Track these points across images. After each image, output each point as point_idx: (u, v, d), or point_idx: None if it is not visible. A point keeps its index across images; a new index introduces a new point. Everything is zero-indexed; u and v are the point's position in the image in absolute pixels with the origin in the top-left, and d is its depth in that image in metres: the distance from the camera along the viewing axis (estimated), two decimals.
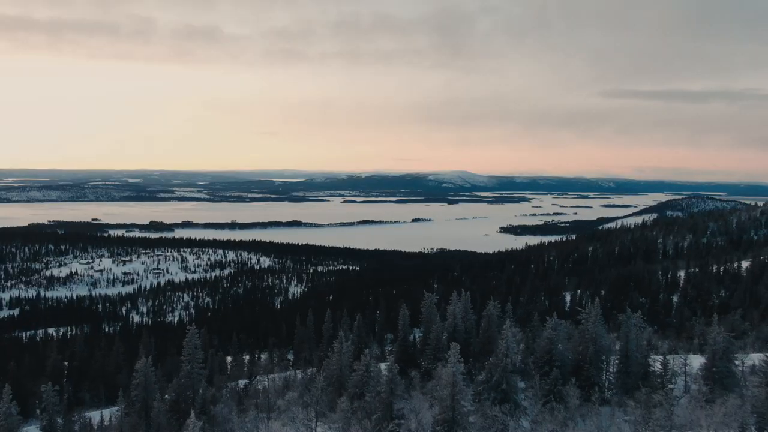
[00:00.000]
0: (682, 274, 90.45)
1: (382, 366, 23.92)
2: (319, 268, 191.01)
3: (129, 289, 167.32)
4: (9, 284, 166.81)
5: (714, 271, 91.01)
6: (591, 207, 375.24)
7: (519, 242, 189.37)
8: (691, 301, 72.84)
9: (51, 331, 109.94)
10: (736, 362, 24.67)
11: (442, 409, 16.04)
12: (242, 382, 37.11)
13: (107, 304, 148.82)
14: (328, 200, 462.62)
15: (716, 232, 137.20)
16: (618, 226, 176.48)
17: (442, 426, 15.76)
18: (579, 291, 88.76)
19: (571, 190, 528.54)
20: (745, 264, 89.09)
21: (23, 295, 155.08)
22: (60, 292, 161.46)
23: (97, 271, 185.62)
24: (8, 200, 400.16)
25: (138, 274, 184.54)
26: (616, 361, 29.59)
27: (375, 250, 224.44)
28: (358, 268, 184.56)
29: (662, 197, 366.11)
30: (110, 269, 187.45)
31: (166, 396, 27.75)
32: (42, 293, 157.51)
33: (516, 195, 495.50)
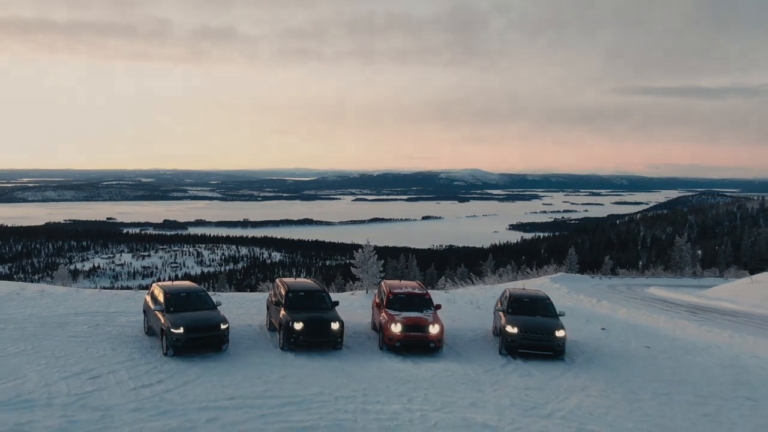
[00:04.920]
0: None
1: None
2: (328, 263, 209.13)
3: (149, 281, 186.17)
4: (36, 278, 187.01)
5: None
6: (602, 204, 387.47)
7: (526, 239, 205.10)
8: None
9: None
10: None
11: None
12: None
13: None
14: (340, 198, 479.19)
15: (694, 224, 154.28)
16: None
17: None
18: None
19: (584, 188, 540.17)
20: (699, 252, 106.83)
21: None
22: (85, 285, 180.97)
23: (118, 265, 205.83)
24: (24, 200, 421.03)
25: (156, 268, 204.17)
26: None
27: (384, 246, 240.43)
28: None
29: (675, 194, 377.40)
30: (130, 263, 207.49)
31: None
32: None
33: (528, 192, 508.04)
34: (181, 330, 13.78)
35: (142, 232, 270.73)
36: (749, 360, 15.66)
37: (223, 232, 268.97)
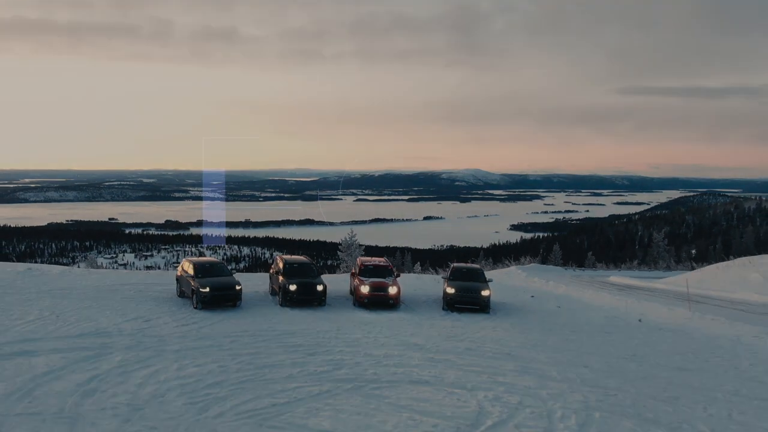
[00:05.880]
0: None
1: None
2: (329, 262, 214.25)
3: None
4: None
5: None
6: (604, 204, 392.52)
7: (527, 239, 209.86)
8: None
9: None
10: None
11: None
12: None
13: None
14: (341, 199, 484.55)
15: (691, 224, 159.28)
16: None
17: None
18: None
19: (585, 188, 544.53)
20: (694, 251, 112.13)
21: None
22: None
23: (120, 264, 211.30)
24: (26, 200, 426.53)
25: (159, 268, 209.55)
26: None
27: (386, 246, 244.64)
28: None
29: (677, 194, 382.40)
30: (133, 263, 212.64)
31: None
32: None
33: (529, 193, 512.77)
34: (208, 289, 19.17)
35: (144, 233, 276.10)
36: (633, 316, 20.91)
37: (225, 232, 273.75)
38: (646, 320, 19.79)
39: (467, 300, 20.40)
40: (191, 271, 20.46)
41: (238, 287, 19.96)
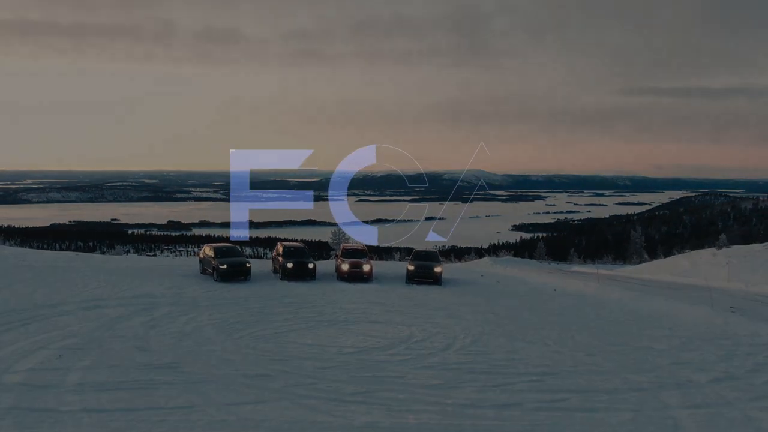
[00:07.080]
0: None
1: None
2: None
3: None
4: None
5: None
6: (605, 205, 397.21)
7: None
8: None
9: None
10: None
11: None
12: None
13: None
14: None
15: (688, 224, 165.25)
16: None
17: None
18: None
19: (587, 189, 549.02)
20: (687, 250, 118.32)
21: None
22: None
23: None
24: (28, 201, 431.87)
25: None
26: None
27: (387, 246, 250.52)
28: None
29: (679, 194, 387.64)
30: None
31: None
32: None
33: (531, 193, 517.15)
34: (225, 266, 25.55)
35: (147, 233, 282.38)
36: (553, 288, 27.17)
37: (227, 232, 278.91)
38: (560, 290, 26.01)
39: (423, 274, 26.77)
40: (212, 253, 26.87)
41: (248, 265, 26.38)
